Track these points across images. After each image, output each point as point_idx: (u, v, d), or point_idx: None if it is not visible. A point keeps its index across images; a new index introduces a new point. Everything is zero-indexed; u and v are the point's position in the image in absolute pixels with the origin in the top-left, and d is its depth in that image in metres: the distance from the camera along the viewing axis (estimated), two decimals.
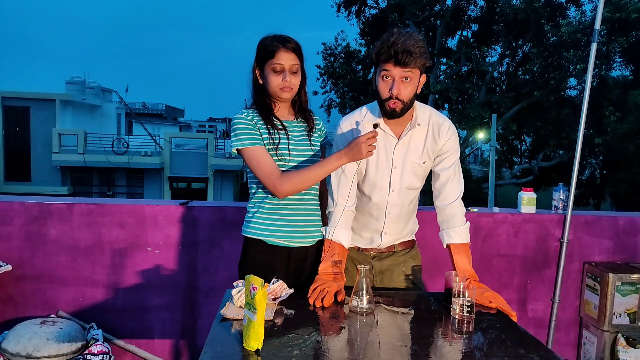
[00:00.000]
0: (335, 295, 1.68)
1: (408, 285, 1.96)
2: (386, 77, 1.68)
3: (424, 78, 1.74)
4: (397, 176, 1.83)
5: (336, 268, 1.78)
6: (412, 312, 1.66)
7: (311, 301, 1.63)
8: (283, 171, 1.76)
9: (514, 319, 1.62)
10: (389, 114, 1.73)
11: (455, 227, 1.83)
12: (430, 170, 1.89)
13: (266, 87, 1.82)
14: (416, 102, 1.80)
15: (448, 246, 1.86)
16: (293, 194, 1.77)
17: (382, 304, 1.67)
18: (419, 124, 1.80)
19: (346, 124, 1.86)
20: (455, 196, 1.84)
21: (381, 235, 1.92)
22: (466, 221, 1.86)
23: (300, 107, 1.91)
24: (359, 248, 1.97)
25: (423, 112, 1.82)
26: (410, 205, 1.92)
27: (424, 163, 1.83)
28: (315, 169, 1.72)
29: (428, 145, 1.82)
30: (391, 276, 1.96)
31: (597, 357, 2.76)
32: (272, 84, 1.79)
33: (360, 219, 1.93)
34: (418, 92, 1.74)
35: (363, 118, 1.84)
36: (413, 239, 2.03)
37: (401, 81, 1.67)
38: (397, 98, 1.68)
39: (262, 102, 1.83)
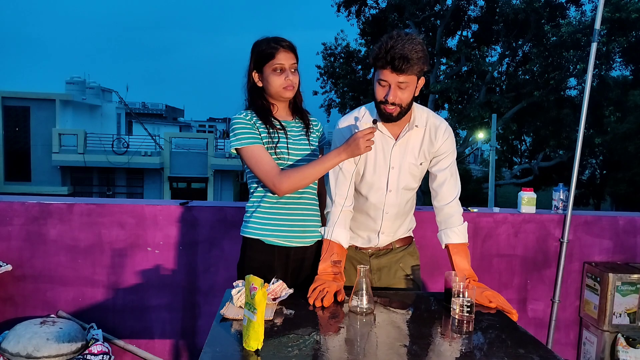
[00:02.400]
0: (335, 295, 1.68)
1: (407, 282, 1.97)
2: (383, 83, 1.68)
3: (422, 81, 1.73)
4: (394, 177, 1.83)
5: (335, 268, 1.78)
6: (412, 312, 1.66)
7: (311, 301, 1.63)
8: (282, 170, 1.76)
9: (515, 317, 1.62)
10: (386, 118, 1.74)
11: (453, 227, 1.84)
12: (428, 171, 1.90)
13: (267, 88, 1.83)
14: (414, 104, 1.80)
15: (446, 246, 1.86)
16: (293, 192, 1.78)
17: (381, 304, 1.67)
18: (416, 126, 1.81)
19: (344, 123, 1.87)
20: (452, 196, 1.84)
21: (378, 234, 1.93)
22: (464, 221, 1.86)
23: (296, 107, 1.92)
24: (356, 247, 1.98)
25: (421, 113, 1.83)
26: (407, 205, 1.93)
27: (420, 164, 1.84)
28: (314, 166, 1.73)
29: (425, 146, 1.83)
30: (389, 274, 1.97)
31: (597, 357, 2.76)
32: (274, 84, 1.80)
33: (357, 219, 1.93)
34: (416, 95, 1.74)
35: (362, 118, 1.85)
36: (411, 236, 2.04)
37: (397, 88, 1.66)
38: (393, 104, 1.68)
39: (261, 104, 1.84)
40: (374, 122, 1.69)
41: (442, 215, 1.87)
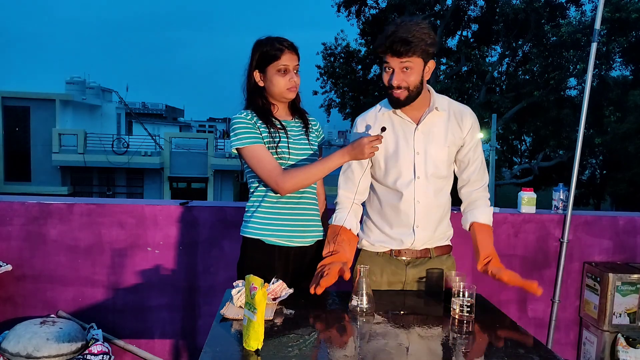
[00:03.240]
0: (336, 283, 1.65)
1: None
2: (387, 69, 1.70)
3: (432, 64, 1.72)
4: (420, 162, 1.79)
5: (339, 248, 1.75)
6: (412, 312, 1.66)
7: (311, 290, 1.60)
8: (284, 169, 1.77)
9: (539, 292, 1.63)
10: (394, 103, 1.74)
11: (480, 207, 1.82)
12: (455, 160, 1.87)
13: (269, 89, 1.83)
14: (432, 89, 1.81)
15: (472, 225, 1.83)
16: (295, 191, 1.78)
17: (381, 304, 1.66)
18: (436, 108, 1.78)
19: (361, 120, 1.87)
20: (480, 184, 1.84)
21: (413, 229, 1.81)
22: (491, 206, 1.85)
23: (295, 107, 1.93)
24: (391, 252, 1.85)
25: (441, 98, 1.82)
26: (440, 197, 1.84)
27: (448, 147, 1.80)
28: (317, 166, 1.73)
29: (451, 131, 1.80)
30: (425, 287, 1.86)
31: (597, 357, 2.76)
32: (278, 85, 1.80)
33: (388, 215, 1.84)
34: (426, 79, 1.74)
35: (378, 112, 1.85)
36: (449, 245, 1.92)
37: (401, 71, 1.67)
38: (399, 87, 1.68)
39: (261, 104, 1.84)
40: (383, 129, 1.68)
41: (470, 199, 1.85)
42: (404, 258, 1.86)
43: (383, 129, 1.68)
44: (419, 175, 1.79)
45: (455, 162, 1.87)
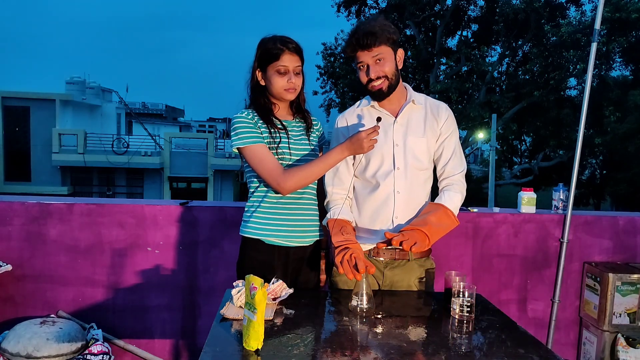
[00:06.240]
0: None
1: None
2: (362, 67, 1.77)
3: (401, 53, 1.79)
4: (399, 153, 1.81)
5: (348, 236, 1.73)
6: (412, 312, 1.66)
7: (350, 276, 1.59)
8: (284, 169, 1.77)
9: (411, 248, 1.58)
10: (378, 96, 1.79)
11: (448, 192, 1.81)
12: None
13: (269, 88, 1.83)
14: (408, 86, 1.87)
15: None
16: (296, 190, 1.78)
17: (381, 304, 1.67)
18: (414, 101, 1.83)
19: (341, 118, 1.93)
20: (457, 171, 1.85)
21: (392, 220, 1.80)
22: (461, 194, 1.82)
23: (298, 107, 1.92)
24: (370, 252, 1.84)
25: (418, 94, 1.88)
26: (419, 191, 1.84)
27: (426, 139, 1.83)
28: (317, 164, 1.73)
29: (429, 123, 1.84)
30: (401, 289, 1.85)
31: (597, 357, 2.76)
32: (276, 85, 1.80)
33: (368, 208, 1.84)
34: (400, 67, 1.80)
35: (357, 108, 1.90)
36: (429, 248, 1.86)
37: (375, 63, 1.74)
38: (378, 77, 1.74)
39: (262, 103, 1.84)
40: (378, 119, 1.70)
41: (442, 184, 1.86)
42: (381, 259, 1.84)
43: (379, 119, 1.71)
44: (399, 166, 1.82)
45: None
